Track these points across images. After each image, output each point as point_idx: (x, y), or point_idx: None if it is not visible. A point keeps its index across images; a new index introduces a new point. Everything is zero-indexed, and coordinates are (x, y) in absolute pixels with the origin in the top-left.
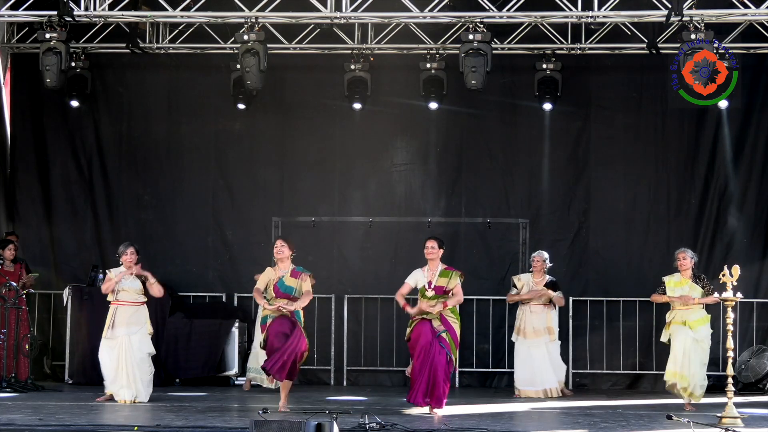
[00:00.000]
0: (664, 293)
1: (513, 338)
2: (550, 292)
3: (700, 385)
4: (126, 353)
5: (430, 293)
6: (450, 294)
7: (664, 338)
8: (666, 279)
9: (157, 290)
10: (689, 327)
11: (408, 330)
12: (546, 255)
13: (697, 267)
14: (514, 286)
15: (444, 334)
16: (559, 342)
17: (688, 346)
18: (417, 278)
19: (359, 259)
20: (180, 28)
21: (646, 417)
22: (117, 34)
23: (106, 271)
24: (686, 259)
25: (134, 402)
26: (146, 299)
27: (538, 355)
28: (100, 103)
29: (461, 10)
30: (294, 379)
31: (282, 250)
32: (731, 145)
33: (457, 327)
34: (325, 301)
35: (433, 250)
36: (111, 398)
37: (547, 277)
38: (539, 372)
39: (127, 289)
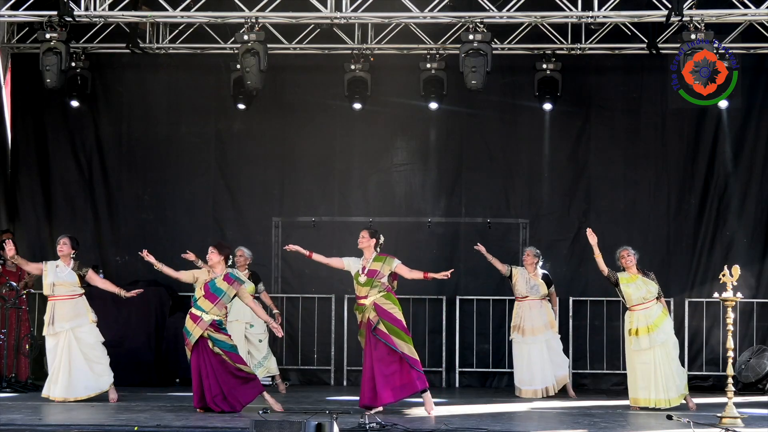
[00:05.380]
0: (616, 281)
1: (511, 336)
2: None
3: (681, 384)
4: (70, 349)
5: (362, 278)
6: (389, 277)
7: (634, 346)
8: (619, 274)
9: (101, 284)
10: (653, 329)
11: (360, 339)
12: (538, 251)
13: (639, 263)
14: (510, 277)
15: (381, 325)
16: (559, 335)
17: (649, 360)
18: (351, 264)
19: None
20: (180, 28)
21: (646, 417)
22: (117, 34)
23: (44, 262)
24: (630, 256)
25: (66, 400)
26: (83, 291)
27: (536, 352)
28: (100, 103)
29: (461, 10)
30: (240, 405)
31: (210, 257)
32: (731, 145)
33: (395, 312)
34: (325, 301)
35: (363, 239)
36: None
37: (541, 272)
38: (538, 370)
39: (63, 283)
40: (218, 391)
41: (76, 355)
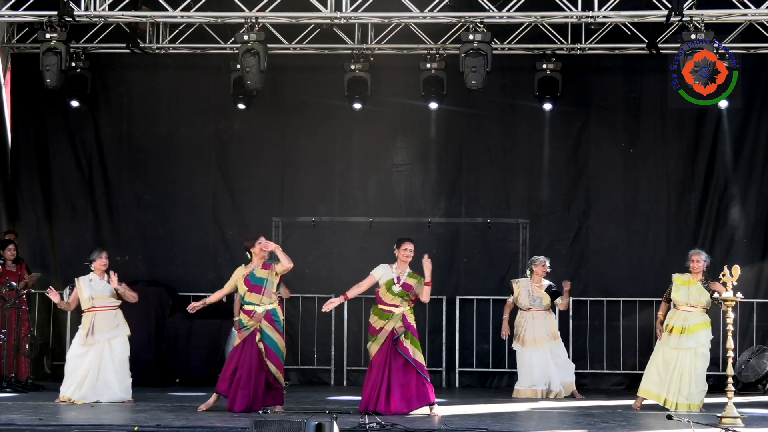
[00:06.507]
0: (668, 299)
1: (513, 346)
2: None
3: (696, 394)
4: (102, 358)
5: (397, 289)
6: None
7: (664, 341)
8: (675, 276)
9: (131, 297)
10: (686, 332)
11: (373, 345)
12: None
13: (709, 270)
14: (511, 292)
15: (403, 337)
16: (562, 343)
17: (671, 359)
18: (382, 273)
19: (359, 259)
20: (180, 28)
21: (646, 417)
22: (117, 34)
23: (75, 280)
24: (699, 261)
25: (70, 401)
26: (120, 302)
27: (537, 357)
28: (100, 103)
29: (461, 10)
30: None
31: (267, 244)
32: (731, 145)
33: (415, 325)
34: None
35: (412, 254)
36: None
37: (546, 283)
38: (539, 373)
39: (101, 295)
40: (246, 383)
41: (107, 363)
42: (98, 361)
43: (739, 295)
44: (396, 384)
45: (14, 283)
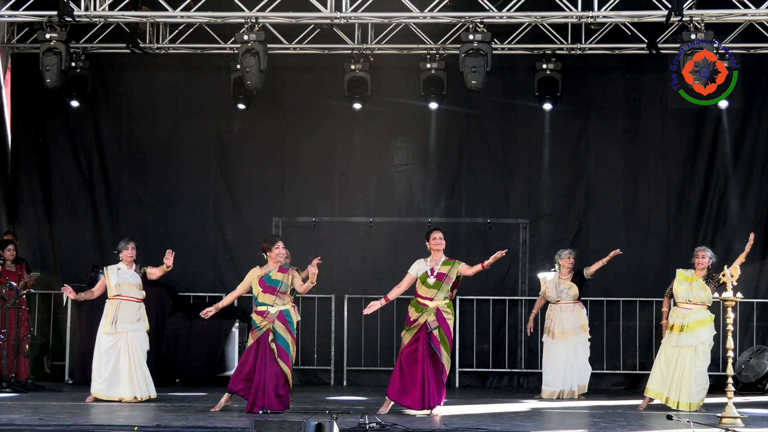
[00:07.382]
0: (671, 294)
1: (543, 339)
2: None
3: (695, 393)
4: (129, 350)
5: (431, 280)
6: (454, 280)
7: (665, 340)
8: (679, 271)
9: (159, 272)
10: (686, 330)
11: (406, 334)
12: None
13: (714, 268)
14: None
15: (436, 332)
16: (589, 342)
17: (672, 358)
18: (418, 267)
19: (359, 260)
20: (180, 28)
21: (646, 417)
22: (117, 34)
23: (104, 268)
24: (705, 257)
25: (136, 400)
26: (144, 296)
27: (561, 356)
28: (100, 103)
29: (461, 10)
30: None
31: (282, 251)
32: (731, 145)
33: (450, 323)
34: (325, 301)
35: (441, 241)
36: (96, 399)
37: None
38: (561, 373)
39: (127, 283)
40: (262, 387)
41: (141, 358)
42: (133, 354)
43: (739, 295)
44: (428, 379)
45: (14, 283)
